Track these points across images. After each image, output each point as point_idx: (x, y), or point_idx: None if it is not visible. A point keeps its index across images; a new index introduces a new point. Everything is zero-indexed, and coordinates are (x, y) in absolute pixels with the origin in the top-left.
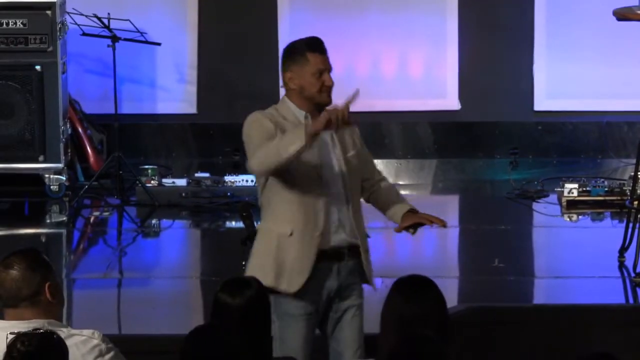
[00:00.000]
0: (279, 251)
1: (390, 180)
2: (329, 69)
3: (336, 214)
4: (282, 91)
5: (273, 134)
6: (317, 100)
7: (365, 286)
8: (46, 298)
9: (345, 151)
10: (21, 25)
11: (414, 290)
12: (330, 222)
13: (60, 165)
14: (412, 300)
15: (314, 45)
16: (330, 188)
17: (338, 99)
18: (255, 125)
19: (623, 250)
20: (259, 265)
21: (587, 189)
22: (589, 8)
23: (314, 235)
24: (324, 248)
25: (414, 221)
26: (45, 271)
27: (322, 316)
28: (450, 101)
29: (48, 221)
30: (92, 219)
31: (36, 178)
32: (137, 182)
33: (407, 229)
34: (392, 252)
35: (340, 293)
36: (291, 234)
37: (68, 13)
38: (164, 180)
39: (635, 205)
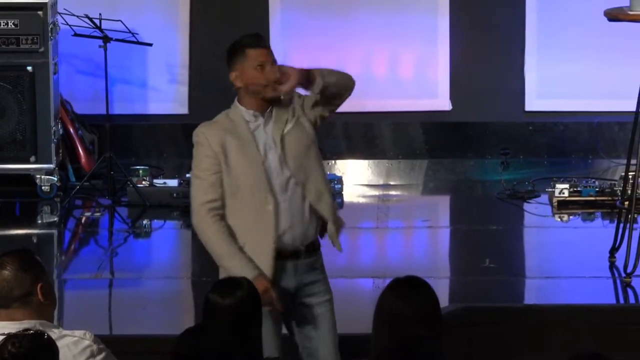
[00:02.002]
0: None
1: (381, 181)
2: (270, 61)
3: (287, 217)
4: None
5: (215, 170)
6: (263, 94)
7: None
8: (38, 299)
9: (276, 133)
10: (12, 26)
11: (407, 290)
12: (280, 227)
13: (52, 166)
14: (405, 300)
15: (252, 40)
16: (277, 195)
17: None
18: (198, 154)
19: (614, 250)
20: None
21: (578, 189)
22: (580, 8)
23: (263, 241)
24: (277, 249)
25: None
26: (37, 272)
27: (289, 315)
28: (442, 101)
29: (39, 222)
30: (83, 220)
31: (27, 178)
32: (129, 182)
33: None
34: (383, 252)
35: (302, 291)
36: (244, 245)
37: (59, 13)
38: (155, 180)
39: (625, 206)
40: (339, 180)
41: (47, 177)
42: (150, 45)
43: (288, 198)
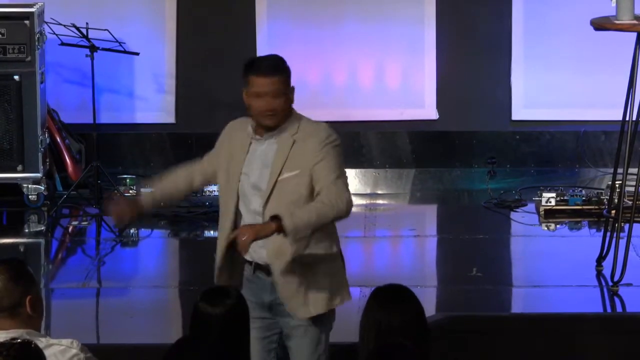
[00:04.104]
0: None
1: (368, 190)
2: (270, 92)
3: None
4: None
5: (212, 155)
6: (258, 121)
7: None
8: (26, 311)
9: (280, 171)
10: None
11: (392, 299)
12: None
13: (39, 175)
14: (390, 309)
15: (258, 68)
16: (246, 214)
17: (317, 108)
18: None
19: (601, 259)
20: None
21: (565, 198)
22: (566, 18)
23: (221, 244)
24: (250, 260)
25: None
26: (28, 284)
27: (277, 326)
28: (428, 111)
29: (26, 231)
30: (70, 229)
31: (14, 188)
32: (116, 191)
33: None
34: (369, 261)
35: (278, 308)
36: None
37: (46, 23)
38: (142, 189)
39: (612, 215)
40: None
41: (34, 186)
42: (137, 54)
43: (261, 220)
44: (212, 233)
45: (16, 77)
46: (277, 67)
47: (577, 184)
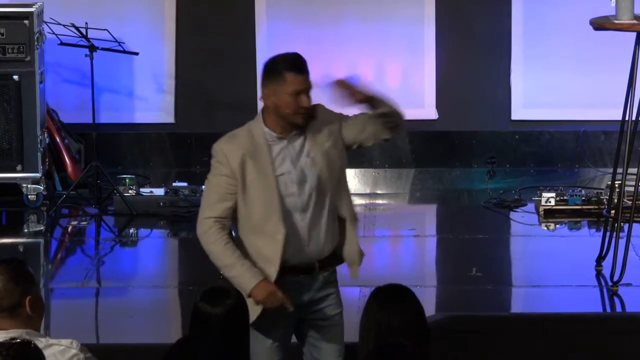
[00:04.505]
0: None
1: (368, 190)
2: (307, 89)
3: (302, 236)
4: (260, 102)
5: (228, 190)
6: (291, 120)
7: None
8: (26, 311)
9: (315, 151)
10: None
11: (392, 299)
12: (288, 251)
13: (38, 175)
14: (390, 309)
15: (294, 65)
16: (293, 217)
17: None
18: (215, 170)
19: (600, 259)
20: None
21: (565, 198)
22: (565, 18)
23: (270, 271)
24: (287, 265)
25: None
26: (27, 284)
27: (300, 325)
28: (428, 111)
29: (26, 231)
30: (69, 229)
31: (14, 187)
32: (115, 191)
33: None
34: (370, 261)
35: (315, 303)
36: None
37: (46, 23)
38: (141, 189)
39: (612, 215)
40: None
41: (34, 186)
42: (137, 54)
43: (308, 216)
44: None
45: (15, 77)
46: (306, 64)
47: (576, 183)
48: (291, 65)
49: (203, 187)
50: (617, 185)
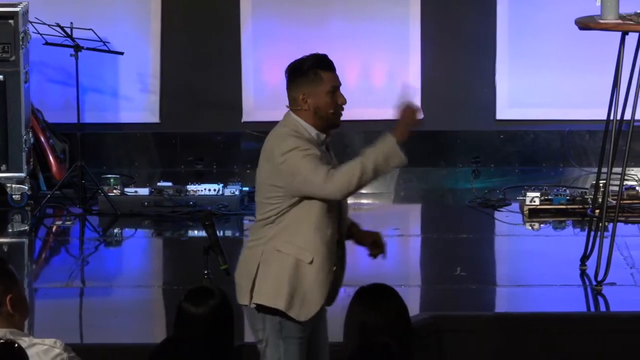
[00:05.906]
0: (295, 277)
1: None
2: (340, 87)
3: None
4: (245, 99)
5: (320, 157)
6: (332, 121)
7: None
8: (7, 310)
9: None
10: None
11: (375, 298)
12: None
13: (23, 175)
14: (374, 308)
15: (326, 63)
16: (341, 214)
17: None
18: (303, 152)
19: (584, 258)
20: (274, 288)
21: (549, 197)
22: (551, 17)
23: (331, 268)
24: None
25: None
26: (8, 283)
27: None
28: None
29: (10, 230)
30: (54, 228)
31: None
32: (100, 191)
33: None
34: (354, 261)
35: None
36: (311, 262)
37: (31, 22)
38: (126, 189)
39: (596, 214)
40: None
41: (18, 185)
42: (122, 54)
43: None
44: (196, 233)
45: (0, 77)
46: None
47: (561, 183)
48: (324, 63)
49: (296, 171)
50: (601, 185)
